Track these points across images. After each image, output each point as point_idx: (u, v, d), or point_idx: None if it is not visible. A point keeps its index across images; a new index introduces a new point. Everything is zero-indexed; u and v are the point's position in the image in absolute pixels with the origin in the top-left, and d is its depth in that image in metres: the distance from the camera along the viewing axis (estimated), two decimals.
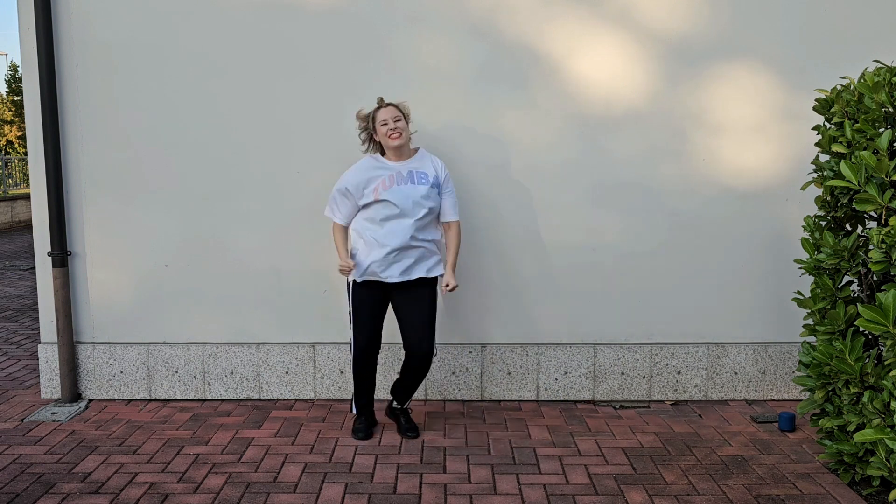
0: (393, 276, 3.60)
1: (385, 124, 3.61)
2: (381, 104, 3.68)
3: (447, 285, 3.69)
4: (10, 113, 31.48)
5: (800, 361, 3.44)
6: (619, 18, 4.10)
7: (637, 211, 4.24)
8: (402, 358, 4.21)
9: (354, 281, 3.69)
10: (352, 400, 3.90)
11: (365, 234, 3.64)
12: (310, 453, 3.61)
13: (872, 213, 3.28)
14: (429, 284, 3.71)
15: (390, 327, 4.14)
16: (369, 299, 3.69)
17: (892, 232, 2.80)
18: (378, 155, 3.74)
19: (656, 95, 4.15)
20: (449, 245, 3.77)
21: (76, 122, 4.21)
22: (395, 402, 3.93)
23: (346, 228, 3.78)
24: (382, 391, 4.35)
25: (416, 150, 3.77)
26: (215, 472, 3.39)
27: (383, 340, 4.20)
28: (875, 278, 3.22)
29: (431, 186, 3.65)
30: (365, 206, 3.65)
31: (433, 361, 4.21)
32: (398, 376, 3.85)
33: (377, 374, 4.06)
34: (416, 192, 3.60)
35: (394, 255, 3.58)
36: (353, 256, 3.69)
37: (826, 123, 3.48)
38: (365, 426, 3.83)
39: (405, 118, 3.66)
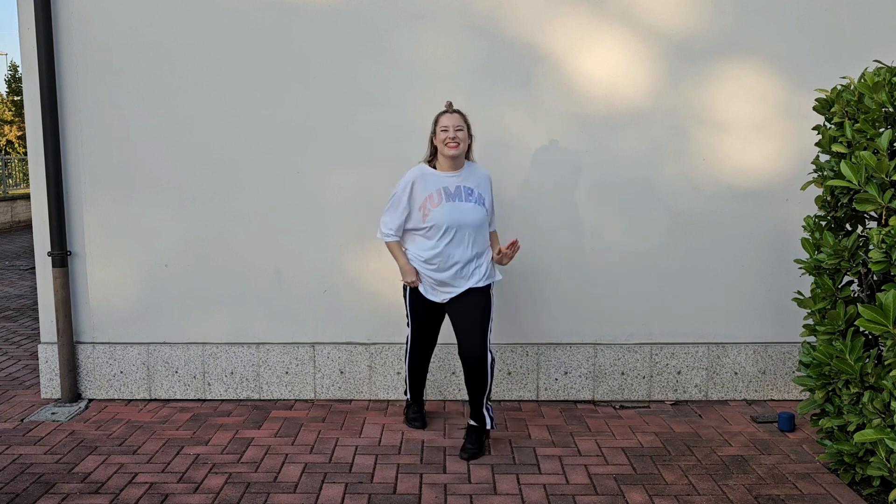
0: (445, 299, 3.57)
1: (445, 131, 3.45)
2: (448, 109, 3.53)
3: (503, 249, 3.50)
4: (10, 113, 31.46)
5: (800, 361, 3.44)
6: (621, 16, 4.10)
7: (637, 210, 4.24)
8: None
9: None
10: (405, 389, 4.06)
11: (422, 254, 3.53)
12: (310, 453, 3.61)
13: (872, 213, 3.28)
14: (481, 290, 3.57)
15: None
16: (425, 303, 3.66)
17: (892, 232, 2.80)
18: (424, 165, 3.57)
19: (658, 94, 4.15)
20: (493, 243, 3.69)
21: (76, 122, 4.21)
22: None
23: (399, 242, 3.63)
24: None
25: (465, 161, 3.59)
26: (215, 472, 3.39)
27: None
28: (875, 278, 3.22)
29: (476, 203, 3.51)
30: (415, 225, 3.52)
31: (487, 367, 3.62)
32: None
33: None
34: (463, 209, 3.48)
35: (448, 278, 3.51)
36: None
37: (826, 123, 3.48)
38: (420, 415, 3.98)
39: (467, 129, 3.52)
